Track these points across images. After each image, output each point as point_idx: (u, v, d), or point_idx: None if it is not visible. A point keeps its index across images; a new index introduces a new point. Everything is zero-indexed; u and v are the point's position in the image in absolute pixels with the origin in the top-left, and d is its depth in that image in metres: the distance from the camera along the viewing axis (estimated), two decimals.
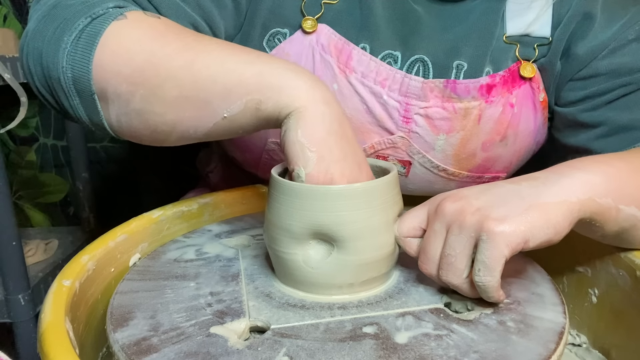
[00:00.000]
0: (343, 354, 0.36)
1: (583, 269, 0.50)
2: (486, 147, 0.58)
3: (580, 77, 0.57)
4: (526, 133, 0.59)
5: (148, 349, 0.36)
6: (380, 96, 0.56)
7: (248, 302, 0.42)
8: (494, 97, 0.56)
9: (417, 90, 0.55)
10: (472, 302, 0.42)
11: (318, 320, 0.40)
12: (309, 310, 0.41)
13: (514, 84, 0.57)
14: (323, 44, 0.55)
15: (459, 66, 0.56)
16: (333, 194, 0.40)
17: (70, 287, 0.41)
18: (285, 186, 0.41)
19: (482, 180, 0.61)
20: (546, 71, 0.58)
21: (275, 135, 0.60)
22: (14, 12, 1.15)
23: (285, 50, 0.56)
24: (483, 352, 0.35)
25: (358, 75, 0.55)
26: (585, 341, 0.50)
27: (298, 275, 0.43)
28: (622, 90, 0.55)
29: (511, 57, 0.57)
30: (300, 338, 0.37)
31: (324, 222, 0.40)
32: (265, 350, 0.36)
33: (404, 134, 0.57)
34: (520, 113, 0.57)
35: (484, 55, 0.56)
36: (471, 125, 0.56)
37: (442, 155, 0.58)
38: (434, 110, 0.56)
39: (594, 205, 0.40)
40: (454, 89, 0.55)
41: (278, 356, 0.35)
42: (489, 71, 0.57)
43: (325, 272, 0.42)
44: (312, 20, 0.55)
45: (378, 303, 0.42)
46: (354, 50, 0.55)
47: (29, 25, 0.45)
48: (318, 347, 0.36)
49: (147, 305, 0.42)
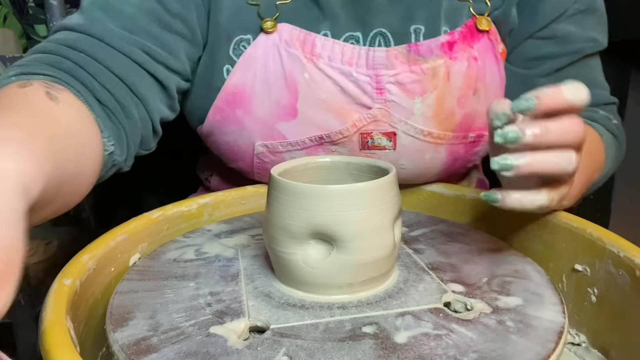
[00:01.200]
0: (342, 353, 0.36)
1: (582, 269, 0.50)
2: (462, 102, 0.60)
3: (539, 36, 0.62)
4: (494, 84, 0.62)
5: (147, 348, 0.36)
6: (350, 74, 0.58)
7: (247, 302, 0.43)
8: (457, 53, 0.58)
9: (383, 60, 0.58)
10: (472, 301, 0.42)
11: (317, 320, 0.40)
12: (308, 310, 0.41)
13: (473, 38, 0.60)
14: (286, 39, 0.58)
15: (417, 30, 0.59)
16: (334, 194, 0.40)
17: (71, 286, 0.41)
18: (286, 186, 0.42)
19: (468, 140, 0.62)
20: (501, 23, 0.62)
21: (261, 137, 0.61)
22: (14, 12, 1.15)
23: (252, 54, 0.59)
24: (482, 351, 0.35)
25: (325, 60, 0.58)
26: (584, 340, 0.50)
27: (297, 275, 0.43)
28: (567, 58, 0.62)
29: (465, 13, 0.61)
30: (300, 338, 0.38)
31: (324, 221, 0.40)
32: (265, 350, 0.36)
33: (381, 104, 0.58)
34: (485, 65, 0.60)
35: (437, 16, 0.59)
36: (442, 84, 0.58)
37: (422, 119, 0.59)
38: (403, 75, 0.58)
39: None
40: (416, 51, 0.58)
41: (277, 356, 0.36)
42: (446, 30, 0.60)
43: (325, 272, 0.42)
44: (271, 21, 0.59)
45: (377, 303, 0.42)
46: (317, 38, 0.58)
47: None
48: (317, 346, 0.36)
49: (147, 305, 0.42)
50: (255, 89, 0.59)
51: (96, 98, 0.49)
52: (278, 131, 0.60)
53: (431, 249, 0.52)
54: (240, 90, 0.60)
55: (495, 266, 0.48)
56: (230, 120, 0.61)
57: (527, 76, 0.63)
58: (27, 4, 1.14)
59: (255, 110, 0.60)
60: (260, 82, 0.59)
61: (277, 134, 0.61)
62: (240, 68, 0.59)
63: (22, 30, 1.16)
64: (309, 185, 0.41)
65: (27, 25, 1.15)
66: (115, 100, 0.51)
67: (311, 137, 0.60)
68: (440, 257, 0.50)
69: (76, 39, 0.51)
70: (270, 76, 0.59)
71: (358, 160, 0.50)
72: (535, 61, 0.63)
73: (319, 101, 0.58)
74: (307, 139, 0.60)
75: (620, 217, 1.31)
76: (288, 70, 0.58)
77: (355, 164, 0.50)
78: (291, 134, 0.60)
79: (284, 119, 0.60)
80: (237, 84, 0.60)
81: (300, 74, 0.58)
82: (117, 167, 0.52)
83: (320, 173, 0.51)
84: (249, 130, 0.61)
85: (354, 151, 0.61)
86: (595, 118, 0.62)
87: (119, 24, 0.53)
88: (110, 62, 0.51)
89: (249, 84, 0.59)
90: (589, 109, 0.63)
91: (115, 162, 0.51)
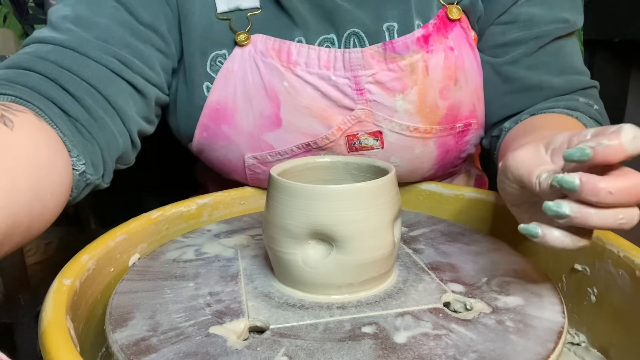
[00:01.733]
0: (342, 353, 0.36)
1: (582, 268, 0.50)
2: (444, 94, 0.59)
3: (501, 22, 0.62)
4: (473, 72, 0.62)
5: (147, 349, 0.36)
6: (329, 78, 0.58)
7: (247, 302, 0.43)
8: (432, 46, 0.58)
9: (359, 61, 0.57)
10: (471, 301, 0.42)
11: (317, 320, 0.40)
12: (308, 310, 0.41)
13: (447, 28, 0.59)
14: (261, 50, 0.58)
15: (390, 28, 0.59)
16: (334, 194, 0.40)
17: (71, 286, 0.41)
18: (285, 186, 0.42)
19: (456, 130, 0.62)
20: (469, 12, 0.61)
21: (250, 150, 0.61)
22: (14, 12, 1.15)
23: (229, 69, 0.59)
24: (482, 351, 0.35)
25: (302, 67, 0.58)
26: (584, 340, 0.50)
27: (297, 275, 0.43)
28: (535, 42, 0.61)
29: (435, 4, 0.60)
30: (300, 338, 0.38)
31: (323, 222, 0.40)
32: (265, 350, 0.36)
33: (363, 105, 0.58)
34: (462, 54, 0.60)
35: (408, 11, 0.59)
36: (422, 78, 0.58)
37: (406, 115, 0.59)
38: (381, 74, 0.58)
39: None
40: (392, 49, 0.57)
41: (277, 356, 0.36)
42: (419, 24, 0.59)
43: (324, 272, 0.42)
44: (244, 34, 0.58)
45: (377, 303, 0.42)
46: (291, 45, 0.58)
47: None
48: (317, 347, 0.36)
49: (146, 306, 0.42)
50: (237, 103, 0.59)
51: (66, 113, 0.47)
52: (265, 142, 0.60)
53: (431, 249, 0.52)
54: (222, 106, 0.60)
55: (495, 266, 0.48)
56: (218, 137, 0.61)
57: (496, 64, 0.63)
58: (27, 4, 1.14)
59: (240, 123, 0.60)
60: (241, 96, 0.59)
61: (264, 144, 0.60)
62: (219, 84, 0.59)
63: (22, 30, 1.16)
64: (308, 185, 0.41)
65: (27, 25, 1.15)
66: (89, 114, 0.49)
67: (298, 145, 0.60)
68: (439, 257, 0.50)
69: (48, 50, 0.50)
70: (250, 88, 0.58)
71: (357, 160, 0.50)
72: (501, 48, 0.62)
73: (301, 107, 0.58)
74: (295, 146, 0.60)
75: None
76: (267, 80, 0.58)
77: (354, 163, 0.50)
78: (278, 143, 0.60)
79: (269, 129, 0.60)
80: (219, 100, 0.59)
81: (280, 82, 0.58)
82: (91, 185, 0.50)
83: (319, 173, 0.51)
84: (236, 144, 0.61)
85: (343, 154, 0.61)
86: (576, 107, 0.59)
87: (93, 34, 0.52)
88: (86, 73, 0.50)
89: (231, 99, 0.59)
90: (568, 97, 0.61)
91: (89, 181, 0.49)
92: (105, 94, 0.51)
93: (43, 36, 0.52)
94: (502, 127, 0.63)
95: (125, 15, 0.55)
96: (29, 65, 0.48)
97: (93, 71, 0.51)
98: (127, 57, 0.53)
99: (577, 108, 0.59)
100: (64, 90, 0.48)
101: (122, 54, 0.53)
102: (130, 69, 0.54)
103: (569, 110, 0.59)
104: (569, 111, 0.59)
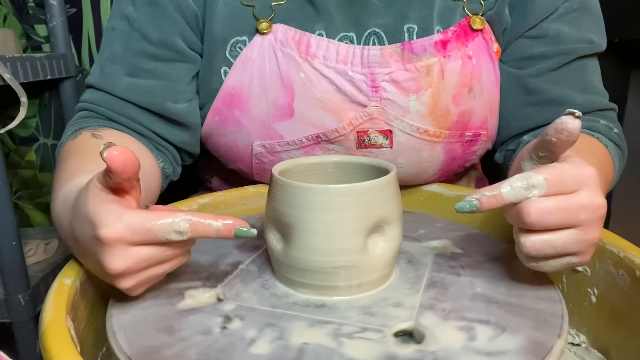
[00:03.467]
0: (271, 321, 0.39)
1: (582, 269, 0.50)
2: (457, 100, 0.60)
3: (529, 35, 0.62)
4: (490, 83, 0.62)
5: (128, 309, 0.41)
6: (345, 73, 0.58)
7: (235, 285, 0.45)
8: (450, 52, 0.59)
9: (378, 58, 0.58)
10: (434, 333, 0.38)
11: (275, 309, 0.41)
12: (280, 299, 0.43)
13: (467, 37, 0.60)
14: (281, 40, 0.59)
15: (410, 29, 0.60)
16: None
17: (71, 285, 0.41)
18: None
19: (464, 138, 0.62)
20: (494, 22, 0.62)
21: (259, 137, 0.62)
22: (14, 12, 1.15)
23: (248, 55, 0.60)
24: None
25: (320, 60, 0.58)
26: (584, 341, 0.50)
27: (287, 271, 0.44)
28: (560, 58, 0.61)
29: (459, 13, 0.61)
30: (251, 310, 0.41)
31: (282, 216, 0.42)
32: (211, 311, 0.41)
33: (377, 102, 0.59)
34: (480, 64, 0.61)
35: (430, 15, 0.60)
36: (437, 81, 0.59)
37: (418, 116, 0.60)
38: (398, 73, 0.58)
39: None
40: (410, 49, 0.58)
41: (217, 318, 0.39)
42: (439, 29, 0.60)
43: (282, 261, 0.44)
44: (267, 22, 0.59)
45: (362, 307, 0.42)
46: (311, 37, 0.59)
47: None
48: (261, 312, 0.39)
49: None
50: (252, 90, 0.60)
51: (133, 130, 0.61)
52: (275, 131, 0.61)
53: (448, 269, 0.48)
54: (237, 91, 0.60)
55: (505, 296, 0.43)
56: (229, 121, 0.62)
57: (520, 76, 0.63)
58: (27, 4, 1.14)
59: (252, 110, 0.60)
60: (256, 83, 0.59)
61: (274, 133, 0.61)
62: (237, 69, 0.60)
63: (22, 30, 1.16)
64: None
65: (27, 25, 1.15)
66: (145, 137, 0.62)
67: (308, 136, 0.60)
68: (451, 275, 0.47)
69: (97, 99, 0.61)
70: (266, 76, 0.59)
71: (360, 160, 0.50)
72: (526, 61, 0.63)
73: (315, 100, 0.59)
74: (304, 138, 0.60)
75: (620, 217, 1.31)
76: (284, 70, 0.58)
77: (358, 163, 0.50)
78: (288, 133, 0.61)
79: (281, 119, 0.60)
80: (234, 85, 0.60)
81: (296, 73, 0.58)
82: (169, 178, 0.65)
83: (322, 173, 0.51)
84: (247, 130, 0.61)
85: (351, 149, 0.61)
86: (598, 128, 0.60)
87: (124, 71, 0.61)
88: (124, 112, 0.61)
89: (246, 85, 0.60)
90: (590, 118, 0.61)
91: (167, 174, 0.64)
92: (147, 125, 0.62)
93: (92, 81, 0.62)
94: (521, 139, 0.63)
95: (138, 41, 0.60)
96: (92, 109, 0.62)
97: (129, 111, 0.61)
98: (152, 86, 0.61)
99: (598, 129, 0.60)
100: (119, 124, 0.61)
101: (149, 84, 0.61)
102: (157, 99, 0.61)
103: (589, 130, 0.60)
104: (589, 131, 0.59)
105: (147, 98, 0.61)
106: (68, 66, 1.08)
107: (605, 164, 0.57)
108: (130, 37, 0.60)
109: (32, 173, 1.26)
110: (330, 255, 0.41)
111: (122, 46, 0.61)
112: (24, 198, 1.27)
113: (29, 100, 0.88)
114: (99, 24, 1.15)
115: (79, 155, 0.53)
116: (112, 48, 0.62)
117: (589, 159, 0.50)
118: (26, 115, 0.95)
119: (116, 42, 0.61)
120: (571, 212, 0.38)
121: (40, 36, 1.16)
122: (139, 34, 0.60)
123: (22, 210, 1.28)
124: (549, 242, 0.39)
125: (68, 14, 1.13)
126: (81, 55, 1.17)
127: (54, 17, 1.07)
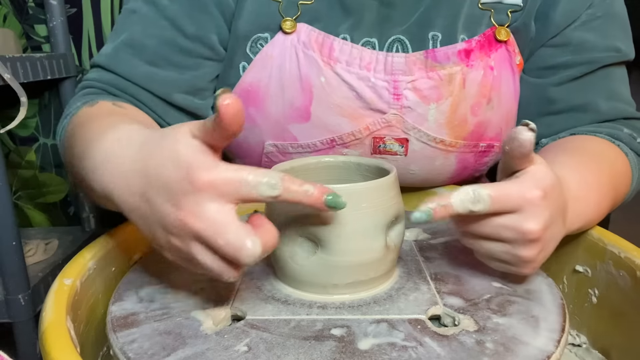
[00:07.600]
0: (300, 351, 0.36)
1: (583, 270, 0.50)
2: (475, 110, 0.59)
3: (552, 44, 0.61)
4: (508, 95, 0.61)
5: (132, 322, 0.39)
6: (368, 79, 0.57)
7: (237, 291, 0.44)
8: (473, 62, 0.58)
9: (402, 66, 0.57)
10: (460, 317, 0.40)
11: (292, 316, 0.40)
12: (289, 305, 0.42)
13: (491, 48, 0.59)
14: (304, 41, 0.57)
15: (434, 37, 0.59)
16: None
17: (71, 286, 0.41)
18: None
19: (478, 149, 0.62)
20: (520, 34, 0.60)
21: (272, 137, 0.61)
22: (14, 12, 1.15)
23: (268, 53, 0.59)
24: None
25: (343, 65, 0.57)
26: (585, 341, 0.50)
27: (286, 271, 0.44)
28: (585, 67, 0.60)
29: (485, 22, 0.60)
30: (268, 331, 0.38)
31: (308, 220, 0.41)
32: (230, 338, 0.37)
33: (397, 110, 0.58)
34: (500, 76, 0.60)
35: (455, 24, 0.59)
36: (458, 90, 0.58)
37: (435, 125, 0.59)
38: (420, 81, 0.58)
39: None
40: (434, 57, 0.57)
41: (239, 345, 0.36)
42: (464, 38, 0.59)
43: (309, 270, 0.42)
44: (291, 21, 0.58)
45: (359, 307, 0.42)
46: (335, 41, 0.58)
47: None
48: (280, 341, 0.37)
49: (145, 290, 0.45)
50: (269, 89, 0.59)
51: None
52: (290, 132, 0.60)
53: (444, 259, 0.50)
54: (255, 88, 0.59)
55: (506, 283, 0.45)
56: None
57: (541, 85, 0.62)
58: (27, 4, 1.14)
59: (268, 109, 0.59)
60: (275, 82, 0.58)
61: (288, 135, 0.60)
62: (256, 65, 0.59)
63: (22, 30, 1.16)
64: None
65: (27, 25, 1.15)
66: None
67: (322, 140, 0.60)
68: (448, 268, 0.48)
69: (108, 79, 0.58)
70: (285, 77, 0.58)
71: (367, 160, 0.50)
72: (549, 70, 0.61)
73: (333, 106, 0.58)
74: (319, 141, 0.60)
75: (621, 218, 1.31)
76: (304, 72, 0.57)
77: (365, 164, 0.50)
78: (303, 136, 0.60)
79: (296, 121, 0.59)
80: (252, 82, 0.59)
81: (317, 77, 0.57)
82: None
83: (332, 172, 0.51)
84: (260, 128, 0.61)
85: (365, 154, 0.61)
86: (620, 136, 0.58)
87: (144, 58, 0.58)
88: (137, 96, 0.58)
89: (264, 83, 0.59)
90: (612, 124, 0.60)
91: None
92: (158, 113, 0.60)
93: (100, 61, 0.59)
94: (540, 142, 0.63)
95: (171, 31, 0.58)
96: (101, 87, 0.59)
97: (142, 96, 0.59)
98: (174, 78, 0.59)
99: (620, 138, 0.59)
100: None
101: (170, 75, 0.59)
102: (178, 90, 0.60)
103: (611, 137, 0.58)
104: (611, 139, 0.58)
105: (165, 88, 0.59)
106: (68, 66, 1.08)
107: (621, 173, 0.55)
108: (157, 24, 0.58)
109: (32, 173, 1.25)
110: (362, 254, 0.42)
111: (143, 31, 0.58)
112: (24, 198, 1.27)
113: (29, 100, 0.88)
114: (99, 24, 1.15)
115: (106, 116, 0.49)
116: (131, 31, 0.59)
117: (595, 167, 0.51)
118: (26, 115, 0.95)
119: (136, 26, 0.59)
120: (495, 228, 0.40)
121: (40, 36, 1.16)
122: (169, 23, 0.58)
123: (22, 210, 1.27)
124: (479, 244, 0.42)
125: (68, 14, 1.12)
126: (81, 55, 1.17)
127: (54, 17, 1.06)
